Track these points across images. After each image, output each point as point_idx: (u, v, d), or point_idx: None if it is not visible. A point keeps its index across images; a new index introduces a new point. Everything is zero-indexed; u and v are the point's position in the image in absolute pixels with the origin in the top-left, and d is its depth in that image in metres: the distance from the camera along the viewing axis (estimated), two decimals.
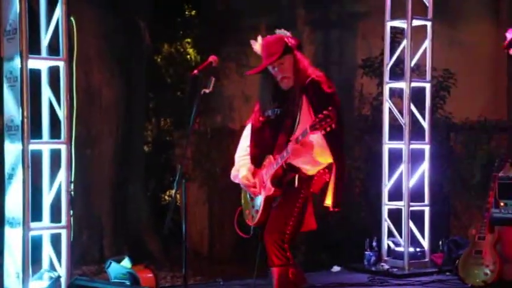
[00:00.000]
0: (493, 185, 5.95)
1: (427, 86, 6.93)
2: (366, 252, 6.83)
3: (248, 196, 4.57)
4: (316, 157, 4.26)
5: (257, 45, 4.48)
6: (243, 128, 4.72)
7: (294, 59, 4.39)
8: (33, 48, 5.38)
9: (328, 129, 3.99)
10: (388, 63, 6.99)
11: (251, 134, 4.58)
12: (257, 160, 4.49)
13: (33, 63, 5.36)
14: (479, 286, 5.85)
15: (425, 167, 6.86)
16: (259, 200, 4.44)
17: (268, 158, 4.39)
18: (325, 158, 4.29)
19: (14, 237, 5.31)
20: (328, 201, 4.30)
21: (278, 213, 4.34)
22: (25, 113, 5.23)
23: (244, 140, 4.63)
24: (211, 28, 10.66)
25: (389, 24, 6.98)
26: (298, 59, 4.40)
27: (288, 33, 4.44)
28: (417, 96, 6.93)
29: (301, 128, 4.23)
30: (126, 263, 5.85)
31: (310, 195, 4.37)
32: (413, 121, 6.84)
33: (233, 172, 4.62)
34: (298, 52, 4.42)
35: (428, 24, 6.90)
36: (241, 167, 4.55)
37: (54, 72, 5.51)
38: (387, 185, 6.91)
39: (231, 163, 4.66)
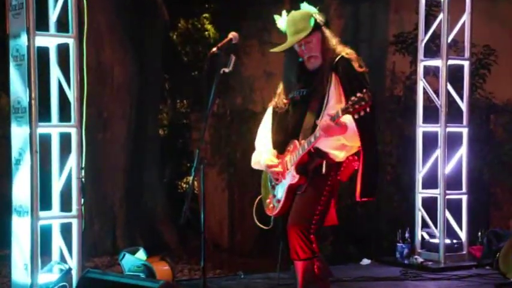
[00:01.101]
0: None
1: (466, 64, 6.86)
2: (398, 244, 6.81)
3: (269, 184, 4.54)
4: (345, 140, 4.23)
5: (282, 20, 4.45)
6: (264, 110, 4.70)
7: (322, 37, 4.36)
8: (41, 24, 5.39)
9: (362, 113, 3.93)
10: (423, 39, 6.92)
11: (273, 118, 4.55)
12: (280, 146, 4.47)
13: (40, 41, 5.37)
14: None
15: (462, 151, 6.81)
16: (282, 189, 4.41)
17: (292, 143, 4.36)
18: (354, 141, 4.24)
19: (21, 226, 5.34)
20: (357, 190, 4.27)
21: (303, 202, 4.31)
22: (33, 94, 5.23)
23: (266, 124, 4.61)
24: (231, 3, 10.63)
25: None
26: (326, 37, 4.37)
27: (315, 9, 4.41)
28: (454, 74, 6.87)
29: (330, 109, 4.18)
30: (141, 254, 5.88)
31: (337, 183, 4.34)
32: (450, 102, 6.77)
33: (254, 158, 4.60)
34: (327, 29, 4.39)
35: None
36: (262, 153, 4.53)
37: (63, 50, 5.52)
38: (421, 172, 6.86)
39: (252, 147, 4.64)
